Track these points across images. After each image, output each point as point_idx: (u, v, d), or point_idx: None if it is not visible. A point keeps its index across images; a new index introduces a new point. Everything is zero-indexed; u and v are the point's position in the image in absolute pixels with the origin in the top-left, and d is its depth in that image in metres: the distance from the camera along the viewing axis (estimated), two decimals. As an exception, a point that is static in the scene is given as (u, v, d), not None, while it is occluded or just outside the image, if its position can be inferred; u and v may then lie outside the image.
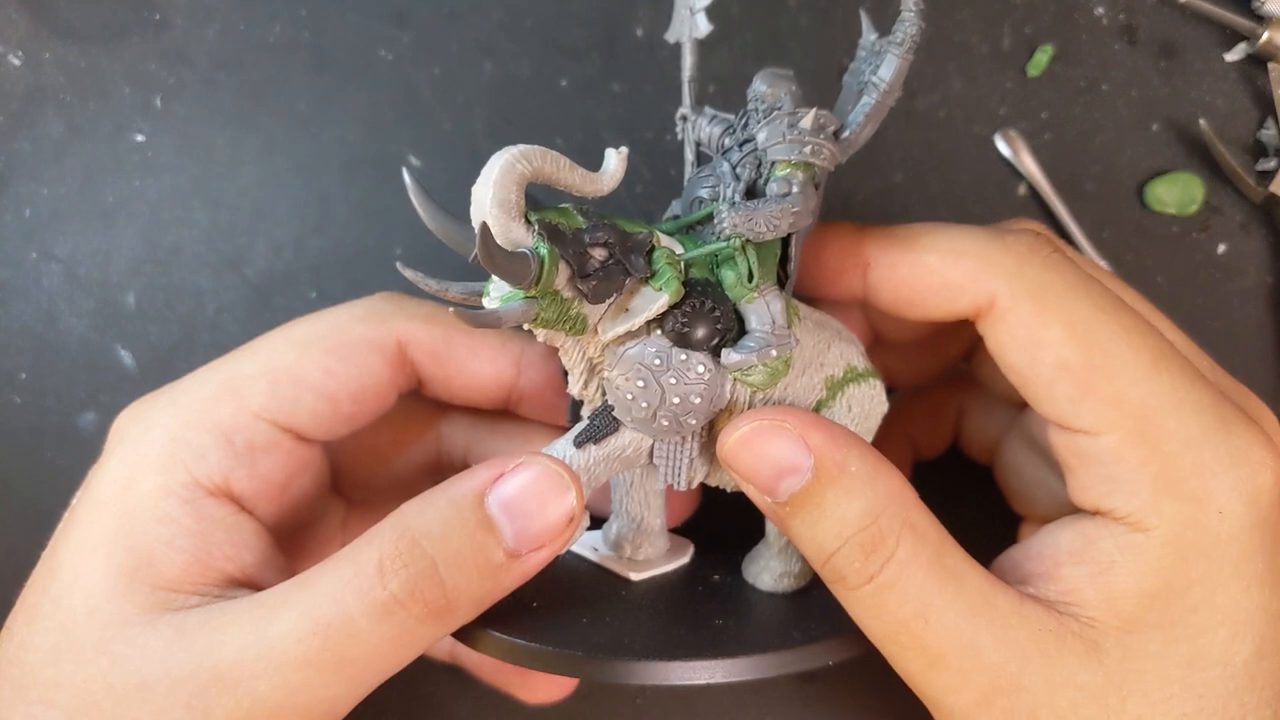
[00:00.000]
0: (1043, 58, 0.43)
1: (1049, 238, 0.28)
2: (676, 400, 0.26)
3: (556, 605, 0.29)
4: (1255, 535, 0.25)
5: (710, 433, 0.28)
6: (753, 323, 0.26)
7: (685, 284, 0.25)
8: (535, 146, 0.23)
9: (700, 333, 0.26)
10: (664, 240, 0.26)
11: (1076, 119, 0.43)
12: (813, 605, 0.30)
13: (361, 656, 0.25)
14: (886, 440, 0.30)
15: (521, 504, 0.25)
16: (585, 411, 0.28)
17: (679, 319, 0.25)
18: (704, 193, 0.28)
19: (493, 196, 0.23)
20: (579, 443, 0.27)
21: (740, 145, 0.27)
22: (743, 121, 0.27)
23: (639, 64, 0.43)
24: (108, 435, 0.29)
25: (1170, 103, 0.43)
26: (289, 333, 0.30)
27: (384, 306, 0.31)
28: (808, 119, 0.26)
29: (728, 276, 0.26)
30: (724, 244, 0.26)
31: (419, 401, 0.34)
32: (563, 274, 0.24)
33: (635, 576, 0.31)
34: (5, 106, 0.42)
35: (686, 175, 0.30)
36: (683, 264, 0.26)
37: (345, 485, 0.36)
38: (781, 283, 0.28)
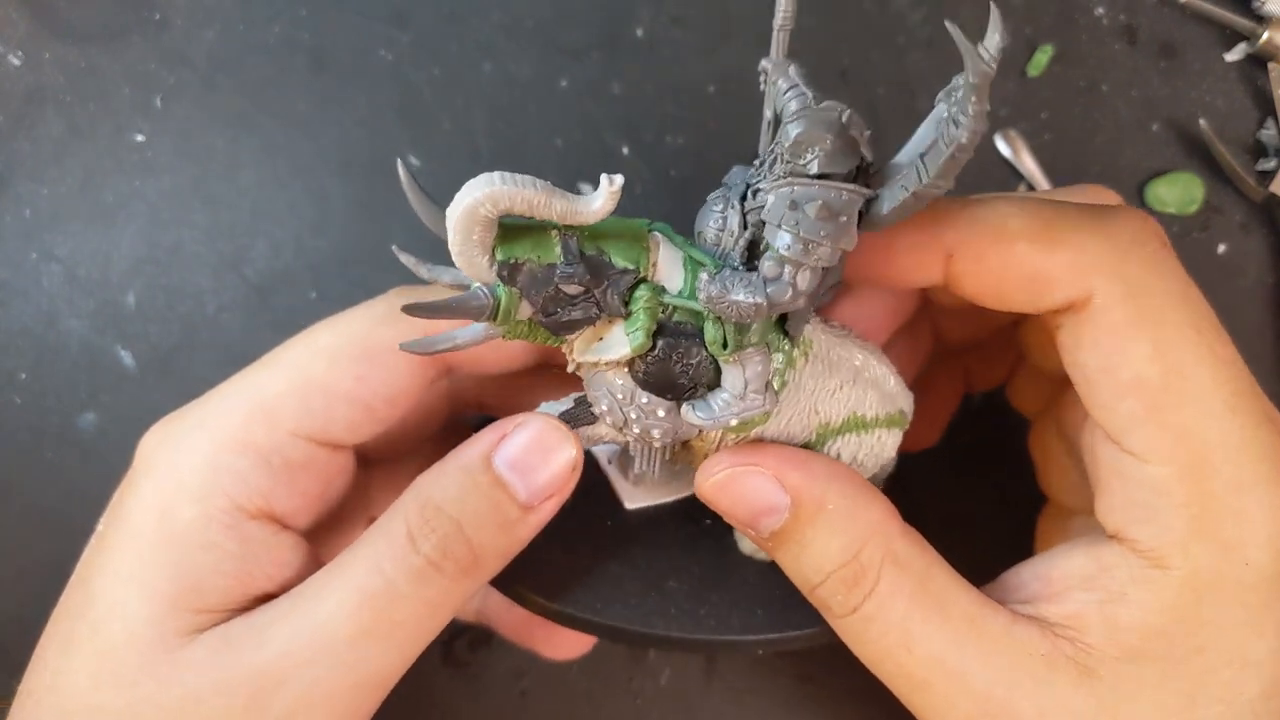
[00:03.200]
0: (1043, 58, 0.43)
1: (1156, 228, 0.26)
2: (638, 429, 0.26)
3: (567, 552, 0.31)
4: (1277, 584, 0.25)
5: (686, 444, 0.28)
6: (724, 382, 0.25)
7: (665, 328, 0.25)
8: (509, 185, 0.21)
9: (663, 383, 0.25)
10: (662, 267, 0.24)
11: (1076, 119, 0.43)
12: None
13: (407, 620, 0.26)
14: (940, 372, 0.30)
15: (527, 460, 0.27)
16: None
17: (647, 365, 0.25)
18: (711, 225, 0.25)
19: (453, 237, 0.22)
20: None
21: (754, 192, 0.24)
22: (772, 158, 0.24)
23: (639, 64, 0.43)
24: (134, 457, 0.29)
25: (1170, 103, 0.43)
26: (313, 342, 0.29)
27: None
28: (814, 207, 0.22)
29: (708, 331, 0.25)
30: (695, 304, 0.24)
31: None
32: (525, 309, 0.24)
33: (630, 505, 0.33)
34: (5, 106, 0.42)
35: (761, 138, 0.26)
36: (669, 306, 0.25)
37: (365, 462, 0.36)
38: (785, 334, 0.26)
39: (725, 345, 0.24)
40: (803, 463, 0.27)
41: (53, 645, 0.27)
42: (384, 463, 0.37)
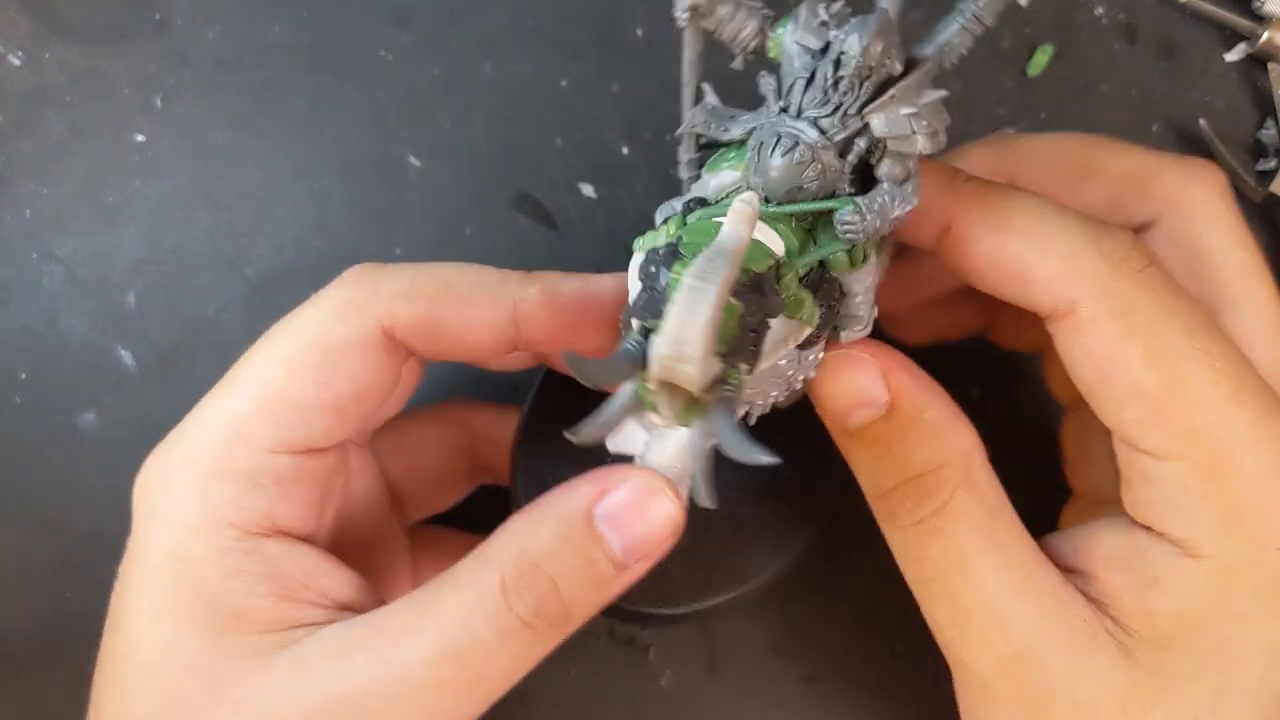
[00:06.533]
0: (1043, 58, 0.43)
1: (1145, 248, 0.26)
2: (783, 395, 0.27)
3: None
4: None
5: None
6: (855, 288, 0.26)
7: (812, 283, 0.25)
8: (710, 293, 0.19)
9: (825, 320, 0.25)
10: (761, 234, 0.24)
11: (1076, 119, 0.43)
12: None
13: (493, 675, 0.26)
14: (968, 300, 0.31)
15: (627, 518, 0.26)
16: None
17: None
18: (779, 160, 0.24)
19: (701, 347, 0.20)
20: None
21: (828, 114, 0.23)
22: (832, 81, 0.23)
23: (639, 64, 0.43)
24: (134, 498, 0.28)
25: (1170, 103, 0.43)
26: (272, 350, 0.28)
27: (359, 294, 0.29)
28: (930, 99, 0.23)
29: (838, 261, 0.24)
30: (836, 248, 0.24)
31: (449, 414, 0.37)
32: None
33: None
34: (6, 107, 0.42)
35: (685, 90, 0.26)
36: (809, 266, 0.24)
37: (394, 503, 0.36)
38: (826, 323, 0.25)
39: (863, 258, 0.25)
40: (913, 370, 0.27)
41: (104, 691, 0.27)
42: (413, 498, 0.37)
